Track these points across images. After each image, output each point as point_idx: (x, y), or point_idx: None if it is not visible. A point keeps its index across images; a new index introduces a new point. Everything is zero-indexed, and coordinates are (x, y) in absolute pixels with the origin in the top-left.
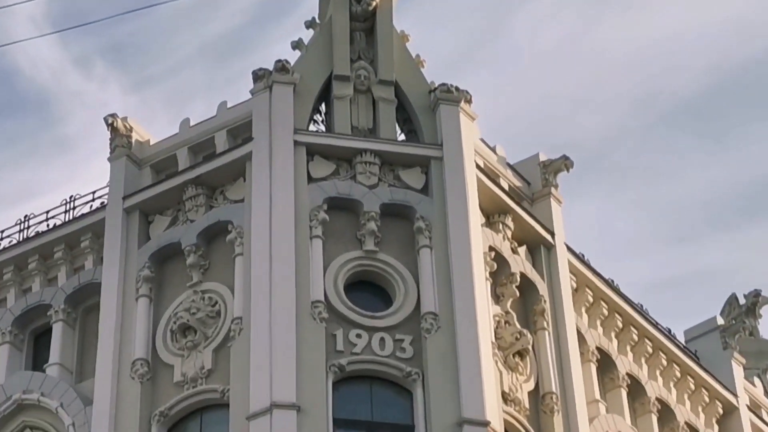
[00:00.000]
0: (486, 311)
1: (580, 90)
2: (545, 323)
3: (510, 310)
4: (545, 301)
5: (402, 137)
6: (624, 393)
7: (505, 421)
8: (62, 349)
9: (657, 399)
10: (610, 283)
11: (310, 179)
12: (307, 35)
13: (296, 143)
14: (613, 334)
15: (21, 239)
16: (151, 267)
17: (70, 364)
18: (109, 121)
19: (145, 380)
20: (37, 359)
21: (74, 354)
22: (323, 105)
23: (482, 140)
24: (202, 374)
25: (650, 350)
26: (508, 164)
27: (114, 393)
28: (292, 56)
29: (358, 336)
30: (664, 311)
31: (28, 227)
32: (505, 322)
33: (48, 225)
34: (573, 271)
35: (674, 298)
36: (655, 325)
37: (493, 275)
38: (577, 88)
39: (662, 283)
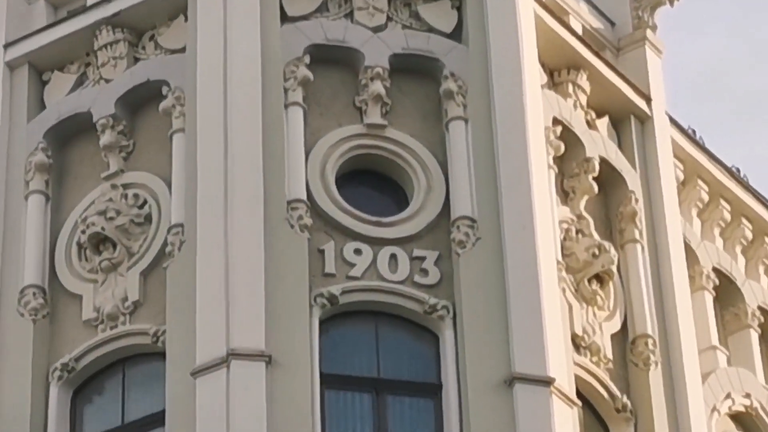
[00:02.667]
0: (548, 215)
1: None
2: (637, 233)
3: (584, 213)
4: (637, 200)
5: None
6: (754, 336)
7: (578, 378)
8: None
9: None
10: (734, 173)
11: (285, 18)
12: None
13: None
14: (738, 250)
15: None
16: (48, 149)
17: None
18: None
19: (39, 317)
20: None
21: None
22: None
23: None
24: (125, 309)
25: None
26: None
27: None
28: None
29: (358, 252)
30: None
31: None
32: (577, 232)
33: None
34: (679, 155)
35: None
36: None
37: (560, 161)
38: None
39: None
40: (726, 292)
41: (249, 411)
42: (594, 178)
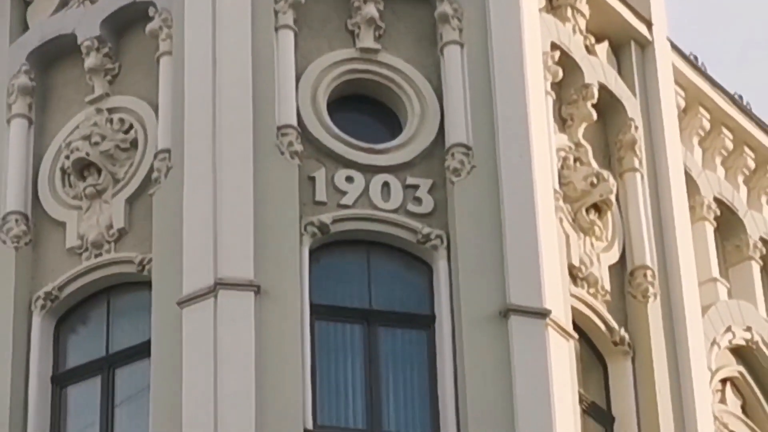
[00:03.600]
0: (545, 142)
1: None
2: (637, 161)
3: (583, 141)
4: (637, 128)
5: None
6: (756, 268)
7: (574, 310)
8: None
9: None
10: (737, 101)
11: None
12: None
13: None
14: (740, 179)
15: None
16: (31, 72)
17: None
18: None
19: (22, 245)
20: None
21: None
22: None
23: None
24: (110, 237)
25: None
26: None
27: None
28: None
29: (349, 179)
30: None
31: None
32: (575, 160)
33: None
34: (680, 81)
35: None
36: None
37: (558, 88)
38: None
39: None
40: (727, 222)
41: (237, 342)
42: (593, 105)
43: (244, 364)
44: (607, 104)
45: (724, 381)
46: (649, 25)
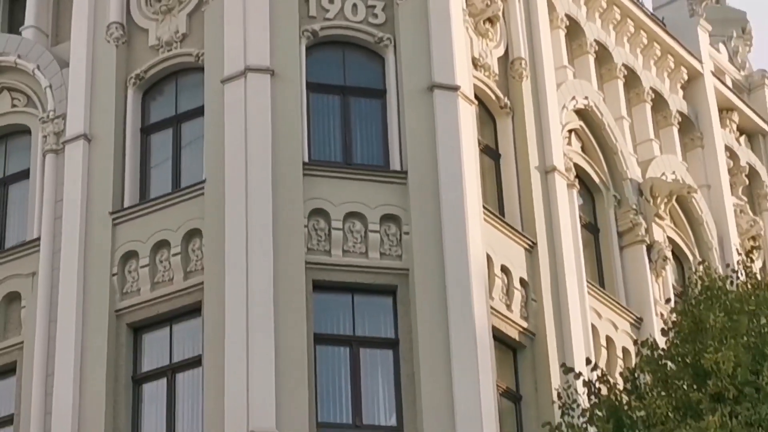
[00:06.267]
0: None
1: None
2: None
3: None
4: None
5: None
6: (591, 59)
7: (475, 87)
8: (37, 11)
9: (624, 65)
10: None
11: None
12: None
13: None
14: (582, 2)
15: None
16: None
17: (45, 27)
18: None
19: (120, 43)
20: (13, 21)
21: (49, 16)
22: None
23: None
24: (177, 38)
25: (618, 17)
26: None
27: (90, 56)
28: None
29: (331, 2)
30: None
31: None
32: None
33: None
34: None
35: None
36: None
37: None
38: None
39: None
40: (573, 30)
41: (259, 107)
42: None
43: (264, 121)
44: None
45: (570, 131)
46: None
